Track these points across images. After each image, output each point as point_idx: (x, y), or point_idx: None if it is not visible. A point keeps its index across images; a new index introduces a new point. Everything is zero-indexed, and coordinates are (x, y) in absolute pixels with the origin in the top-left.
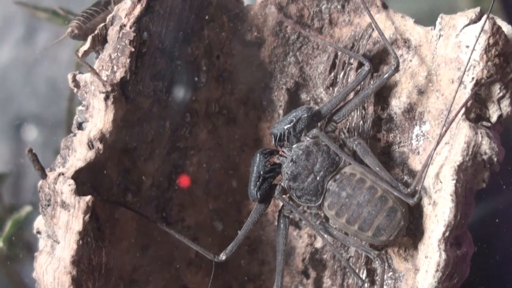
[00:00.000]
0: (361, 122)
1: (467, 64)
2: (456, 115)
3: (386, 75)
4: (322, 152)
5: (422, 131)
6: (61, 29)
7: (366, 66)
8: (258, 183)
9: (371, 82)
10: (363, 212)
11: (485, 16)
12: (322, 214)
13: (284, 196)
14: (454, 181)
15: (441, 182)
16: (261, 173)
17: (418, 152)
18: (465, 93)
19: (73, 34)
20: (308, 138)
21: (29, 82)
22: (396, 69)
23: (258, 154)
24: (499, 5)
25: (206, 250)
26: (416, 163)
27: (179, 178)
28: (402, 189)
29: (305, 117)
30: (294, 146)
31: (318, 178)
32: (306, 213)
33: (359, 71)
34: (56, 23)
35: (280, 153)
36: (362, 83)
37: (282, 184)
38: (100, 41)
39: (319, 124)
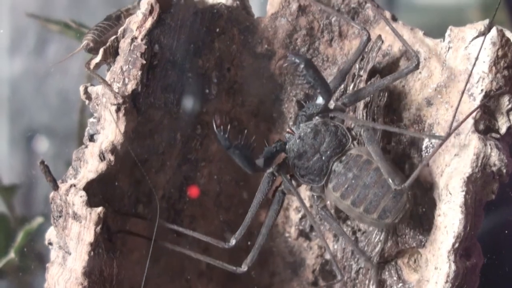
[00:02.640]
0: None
1: (469, 76)
2: (462, 122)
3: (406, 70)
4: (330, 132)
5: (431, 143)
6: (73, 42)
7: (365, 35)
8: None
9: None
10: (369, 193)
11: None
12: (325, 197)
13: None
14: (464, 193)
15: (450, 193)
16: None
17: (427, 164)
18: (474, 105)
19: (88, 47)
20: (317, 117)
21: (41, 93)
22: (417, 67)
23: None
24: (508, 16)
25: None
26: (425, 174)
27: (188, 188)
28: (393, 183)
29: (321, 104)
30: (302, 124)
31: (323, 158)
32: (308, 197)
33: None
34: (68, 35)
35: (287, 130)
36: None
37: (286, 161)
38: (112, 54)
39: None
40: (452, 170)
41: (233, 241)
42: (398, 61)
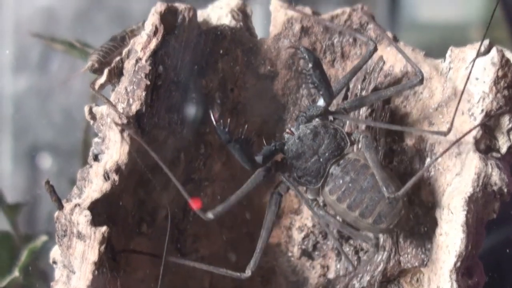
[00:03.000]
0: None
1: (461, 94)
2: (463, 136)
3: (410, 83)
4: (329, 135)
5: (433, 163)
6: (77, 61)
7: (371, 45)
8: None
9: (393, 88)
10: (366, 198)
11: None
12: (321, 200)
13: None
14: (465, 212)
15: (452, 213)
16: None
17: (429, 183)
18: (475, 125)
19: (93, 68)
20: (317, 119)
21: (45, 111)
22: (421, 82)
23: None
24: (509, 34)
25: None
26: (427, 194)
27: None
28: (387, 191)
29: (321, 107)
30: (302, 125)
31: (321, 160)
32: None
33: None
34: (72, 55)
35: (287, 130)
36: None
37: (284, 161)
38: (116, 74)
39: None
40: (454, 190)
41: (248, 272)
42: (400, 81)
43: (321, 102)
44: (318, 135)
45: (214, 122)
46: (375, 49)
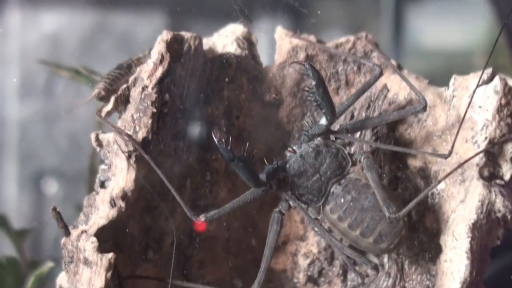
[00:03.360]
0: None
1: (463, 118)
2: (466, 161)
3: (413, 109)
4: (331, 154)
5: (437, 190)
6: (83, 87)
7: (377, 70)
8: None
9: (396, 112)
10: (366, 217)
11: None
12: (321, 218)
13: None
14: (469, 239)
15: (456, 239)
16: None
17: (434, 210)
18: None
19: (99, 96)
20: (319, 138)
21: (50, 137)
22: (424, 109)
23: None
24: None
25: None
26: (431, 221)
27: (196, 225)
28: (388, 211)
29: (324, 125)
30: (304, 144)
31: (323, 178)
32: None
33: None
34: (78, 81)
35: (288, 149)
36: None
37: (286, 179)
38: (123, 102)
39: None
40: (458, 216)
41: None
42: (404, 109)
43: (323, 121)
44: (320, 154)
45: (216, 142)
46: (381, 74)
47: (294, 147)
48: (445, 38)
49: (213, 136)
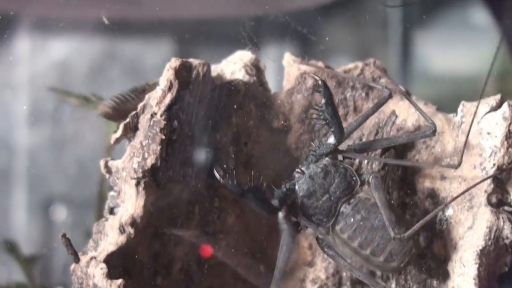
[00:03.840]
0: None
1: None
2: (474, 186)
3: (422, 134)
4: (339, 174)
5: (445, 216)
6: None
7: (386, 92)
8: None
9: (405, 135)
10: (377, 236)
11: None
12: (331, 239)
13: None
14: (477, 265)
15: (464, 266)
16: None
17: (442, 237)
18: (487, 180)
19: (106, 114)
20: (327, 158)
21: (59, 164)
22: (433, 133)
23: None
24: None
25: None
26: (439, 247)
27: (202, 249)
28: (393, 231)
29: (331, 144)
30: (312, 164)
31: (332, 198)
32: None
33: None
34: (88, 108)
35: (297, 170)
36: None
37: (295, 201)
38: (132, 129)
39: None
40: (466, 243)
41: None
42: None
43: (331, 140)
44: (328, 174)
45: (221, 180)
46: (390, 96)
47: (302, 168)
48: (453, 64)
49: (216, 174)
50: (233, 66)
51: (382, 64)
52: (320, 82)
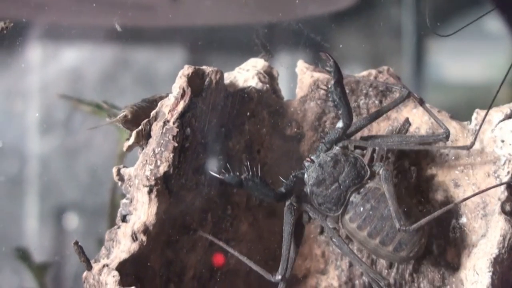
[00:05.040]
0: None
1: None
2: (485, 190)
3: (435, 137)
4: (349, 163)
5: (458, 224)
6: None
7: (404, 92)
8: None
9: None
10: (386, 225)
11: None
12: (340, 228)
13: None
14: (490, 273)
15: (477, 274)
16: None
17: (455, 245)
18: (501, 187)
19: (125, 118)
20: (337, 147)
21: (71, 171)
22: (446, 138)
23: None
24: None
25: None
26: (453, 255)
27: (214, 257)
28: (398, 223)
29: (340, 128)
30: (322, 153)
31: (342, 187)
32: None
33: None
34: (99, 116)
35: (306, 159)
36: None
37: (304, 191)
38: (144, 136)
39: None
40: (479, 251)
41: (278, 277)
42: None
43: (340, 124)
44: (338, 163)
45: (218, 176)
46: (408, 96)
47: (312, 157)
48: (467, 72)
49: (212, 172)
50: (246, 73)
51: (395, 72)
52: (331, 61)
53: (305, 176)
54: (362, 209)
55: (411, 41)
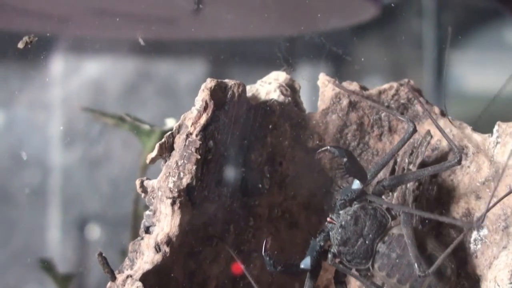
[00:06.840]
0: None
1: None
2: (501, 200)
3: (448, 164)
4: (369, 216)
5: (480, 236)
6: (127, 134)
7: (411, 127)
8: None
9: (431, 168)
10: (414, 271)
11: None
12: (371, 275)
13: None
14: (511, 285)
15: (498, 285)
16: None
17: (476, 256)
18: None
19: None
20: (355, 203)
21: (93, 183)
22: (459, 162)
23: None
24: None
25: None
26: (473, 267)
27: (233, 268)
28: (418, 269)
29: (357, 190)
30: (341, 212)
31: (367, 241)
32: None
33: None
34: (122, 128)
35: (328, 220)
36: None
37: (332, 250)
38: (167, 149)
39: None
40: (500, 263)
41: None
42: (447, 155)
43: (356, 185)
44: (359, 219)
45: (263, 251)
46: (414, 131)
47: (332, 217)
48: (488, 84)
49: (263, 245)
50: (268, 86)
51: (416, 84)
52: (330, 149)
53: (330, 236)
54: (388, 258)
55: (432, 53)
